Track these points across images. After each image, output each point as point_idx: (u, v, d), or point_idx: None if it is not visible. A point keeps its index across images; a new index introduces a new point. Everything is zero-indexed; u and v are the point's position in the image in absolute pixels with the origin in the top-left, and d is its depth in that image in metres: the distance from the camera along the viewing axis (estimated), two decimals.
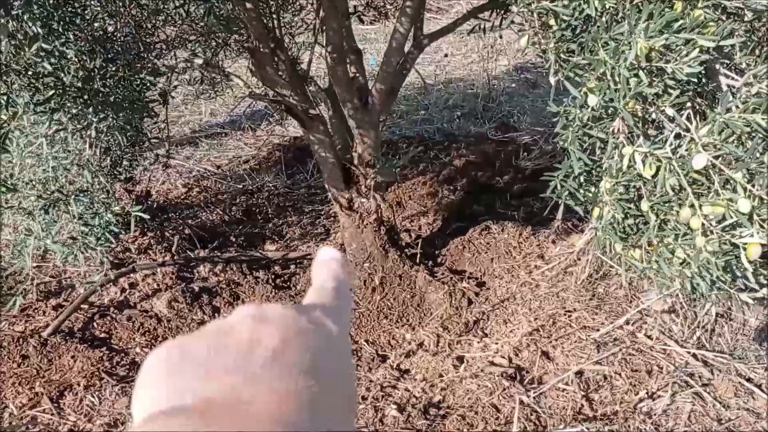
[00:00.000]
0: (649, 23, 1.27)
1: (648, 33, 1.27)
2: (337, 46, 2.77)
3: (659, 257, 1.47)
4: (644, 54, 1.27)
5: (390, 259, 3.08)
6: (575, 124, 1.50)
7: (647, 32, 1.27)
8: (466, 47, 6.42)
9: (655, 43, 1.27)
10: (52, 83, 1.85)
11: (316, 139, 2.96)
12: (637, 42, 1.27)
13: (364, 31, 6.45)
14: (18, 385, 2.42)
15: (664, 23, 1.27)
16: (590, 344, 2.52)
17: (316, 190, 4.15)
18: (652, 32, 1.27)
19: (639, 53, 1.27)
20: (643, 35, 1.27)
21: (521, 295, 2.98)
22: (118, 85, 2.22)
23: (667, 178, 1.37)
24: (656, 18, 1.26)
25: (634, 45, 1.27)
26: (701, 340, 2.49)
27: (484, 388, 2.40)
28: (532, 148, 4.56)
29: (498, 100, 5.49)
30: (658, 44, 1.27)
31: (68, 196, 2.21)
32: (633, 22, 1.28)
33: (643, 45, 1.26)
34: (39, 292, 3.03)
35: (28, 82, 1.79)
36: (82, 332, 2.78)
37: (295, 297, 3.08)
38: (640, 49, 1.27)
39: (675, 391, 2.26)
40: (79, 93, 1.96)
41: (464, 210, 3.79)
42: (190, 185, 4.21)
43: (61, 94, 1.88)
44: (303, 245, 3.53)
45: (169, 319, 2.91)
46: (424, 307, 3.01)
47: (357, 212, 3.03)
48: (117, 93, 2.19)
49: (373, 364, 2.68)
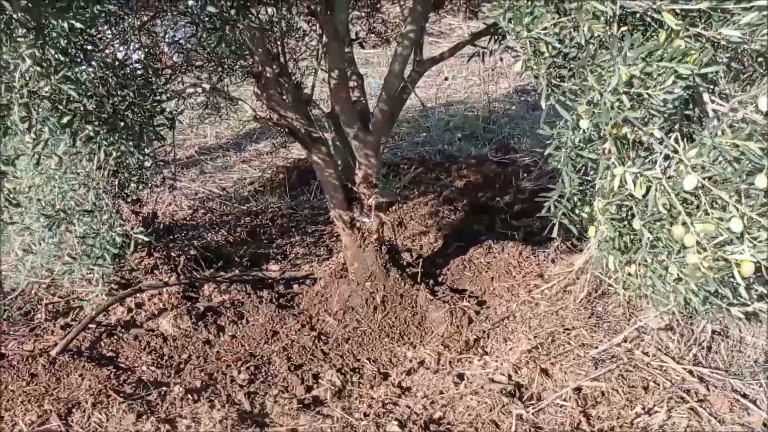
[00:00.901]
0: (629, 51, 1.33)
1: (627, 61, 1.33)
2: (339, 70, 2.85)
3: (653, 273, 1.53)
4: (625, 80, 1.33)
5: (391, 278, 3.14)
6: (567, 145, 1.57)
7: (626, 60, 1.33)
8: (467, 70, 6.52)
9: (634, 71, 1.33)
10: (75, 108, 1.92)
11: (319, 161, 3.03)
12: (618, 69, 1.33)
13: (366, 55, 6.56)
14: (27, 403, 2.47)
15: (645, 52, 1.33)
16: (588, 361, 2.57)
17: (319, 210, 4.22)
18: (631, 60, 1.33)
19: (620, 80, 1.33)
20: (622, 63, 1.33)
21: (521, 314, 3.03)
22: (128, 109, 2.29)
23: (659, 198, 1.43)
24: (636, 46, 1.33)
25: (616, 72, 1.33)
26: (697, 357, 2.53)
27: (484, 404, 2.45)
28: (532, 169, 4.64)
29: (498, 122, 5.58)
30: (637, 71, 1.33)
31: (72, 215, 2.27)
32: (615, 51, 1.35)
33: (624, 72, 1.33)
34: (48, 312, 3.09)
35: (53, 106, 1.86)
36: (90, 351, 2.84)
37: (298, 316, 3.13)
38: (621, 76, 1.33)
39: (671, 406, 2.30)
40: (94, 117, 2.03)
41: (465, 230, 3.85)
42: (195, 207, 4.28)
43: (81, 117, 1.95)
44: (306, 265, 3.59)
45: (175, 338, 2.96)
46: (425, 325, 3.05)
47: (359, 232, 3.09)
48: (127, 117, 2.26)
49: (374, 382, 2.72)
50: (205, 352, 2.89)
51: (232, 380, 2.69)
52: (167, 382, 2.67)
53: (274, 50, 2.95)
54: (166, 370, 2.75)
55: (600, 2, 1.35)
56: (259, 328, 3.03)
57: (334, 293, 3.18)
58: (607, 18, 1.40)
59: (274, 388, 2.65)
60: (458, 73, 6.62)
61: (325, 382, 2.70)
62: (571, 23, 1.47)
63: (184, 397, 2.54)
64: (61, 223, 2.28)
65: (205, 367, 2.79)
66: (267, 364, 2.81)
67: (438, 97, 6.06)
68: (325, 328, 3.06)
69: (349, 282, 3.16)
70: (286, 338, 2.97)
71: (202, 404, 2.50)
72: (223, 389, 2.63)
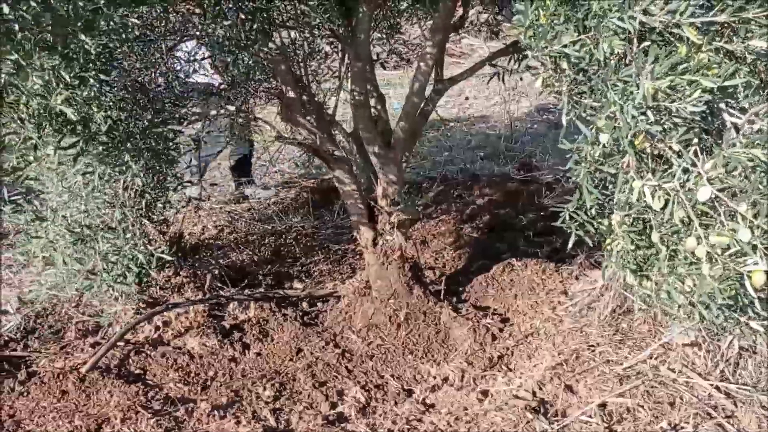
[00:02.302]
0: (655, 66, 1.36)
1: (654, 75, 1.35)
2: (361, 90, 2.90)
3: (669, 286, 1.53)
4: (651, 94, 1.35)
5: (414, 295, 3.15)
6: (587, 160, 1.59)
7: (653, 74, 1.35)
8: (488, 90, 6.56)
9: (661, 85, 1.35)
10: (78, 130, 1.96)
11: (342, 179, 3.08)
12: (644, 83, 1.35)
13: (387, 77, 6.63)
14: (58, 419, 2.52)
15: (669, 65, 1.36)
16: (613, 377, 2.56)
17: (342, 230, 4.26)
18: (658, 74, 1.35)
19: (646, 94, 1.35)
20: (650, 77, 1.36)
21: (545, 331, 3.02)
22: (146, 132, 2.33)
23: (676, 210, 1.44)
24: (662, 61, 1.35)
25: (642, 86, 1.36)
26: (724, 373, 2.51)
27: (508, 420, 2.44)
28: (554, 186, 4.64)
29: (520, 141, 5.60)
30: (664, 85, 1.35)
31: (96, 233, 2.33)
32: (640, 64, 1.37)
33: (650, 86, 1.35)
34: (77, 330, 3.15)
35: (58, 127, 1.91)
36: (119, 368, 2.89)
37: (322, 333, 3.15)
38: (647, 90, 1.35)
39: (698, 422, 2.28)
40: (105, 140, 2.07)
41: (487, 247, 3.86)
42: (221, 226, 4.35)
43: (86, 140, 1.99)
44: (330, 283, 3.62)
45: (201, 355, 3.00)
46: (448, 342, 3.06)
47: (381, 250, 3.12)
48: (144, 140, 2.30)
49: (399, 398, 2.73)
50: (231, 370, 2.92)
51: (257, 397, 2.71)
52: (194, 398, 2.71)
53: (297, 72, 3.01)
54: (192, 387, 2.79)
55: (620, 19, 1.38)
56: (284, 346, 3.06)
57: (358, 311, 3.20)
58: (628, 34, 1.43)
59: (299, 404, 2.68)
60: (479, 93, 6.66)
61: (349, 398, 2.71)
62: (591, 40, 1.50)
63: (211, 413, 2.57)
64: (86, 240, 2.34)
65: (231, 384, 2.82)
66: (292, 381, 2.83)
67: (459, 116, 6.10)
68: (349, 346, 3.08)
69: (372, 300, 3.18)
70: (311, 355, 2.99)
71: (229, 420, 2.53)
72: (249, 405, 2.65)
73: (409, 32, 3.95)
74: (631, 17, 1.37)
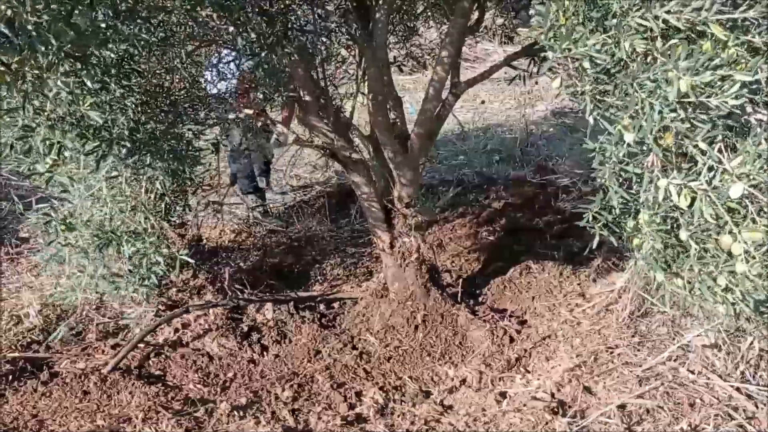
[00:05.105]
0: (684, 62, 1.35)
1: (692, 71, 1.34)
2: (377, 94, 2.91)
3: (701, 284, 1.53)
4: (687, 90, 1.34)
5: (432, 297, 3.16)
6: (611, 160, 1.59)
7: (691, 70, 1.34)
8: (504, 94, 6.56)
9: (702, 80, 1.34)
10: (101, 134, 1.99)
11: (358, 182, 3.09)
12: (680, 79, 1.34)
13: (403, 82, 6.66)
14: (80, 419, 2.54)
15: (702, 61, 1.35)
16: (632, 379, 2.55)
17: (359, 233, 4.28)
18: (694, 69, 1.34)
19: (681, 90, 1.34)
20: (688, 73, 1.34)
21: (563, 333, 3.02)
22: (166, 135, 2.35)
23: (705, 208, 1.43)
24: (696, 56, 1.34)
25: (676, 82, 1.35)
26: (745, 375, 2.50)
27: (527, 421, 2.44)
28: (571, 189, 4.63)
29: (536, 145, 5.59)
30: (704, 81, 1.34)
31: (121, 236, 2.36)
32: (675, 61, 1.36)
33: (688, 82, 1.34)
34: (98, 332, 3.17)
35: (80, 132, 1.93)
36: (139, 369, 2.91)
37: (340, 335, 3.17)
38: (683, 86, 1.34)
39: (718, 423, 2.27)
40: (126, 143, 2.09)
41: (504, 250, 3.86)
42: (239, 230, 4.37)
43: (109, 144, 2.01)
44: (347, 285, 3.63)
45: (221, 357, 3.02)
46: (466, 344, 3.06)
47: (399, 251, 3.13)
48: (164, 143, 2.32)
49: (417, 400, 2.73)
50: (250, 371, 2.94)
51: (276, 398, 2.73)
52: (214, 399, 2.73)
53: (315, 76, 3.03)
54: (212, 388, 2.81)
55: (643, 18, 1.38)
56: (302, 347, 3.08)
57: (376, 313, 3.21)
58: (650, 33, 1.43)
59: (318, 405, 2.69)
60: (495, 97, 6.67)
61: (367, 399, 2.72)
62: (612, 39, 1.50)
63: (231, 413, 2.58)
64: (110, 245, 2.36)
65: (250, 385, 2.83)
66: (310, 382, 2.84)
67: (475, 120, 6.11)
68: (366, 347, 3.09)
69: (390, 301, 3.19)
70: (329, 357, 3.00)
71: (248, 420, 2.54)
72: (268, 406, 2.67)
73: (425, 35, 3.97)
74: (656, 17, 1.38)
